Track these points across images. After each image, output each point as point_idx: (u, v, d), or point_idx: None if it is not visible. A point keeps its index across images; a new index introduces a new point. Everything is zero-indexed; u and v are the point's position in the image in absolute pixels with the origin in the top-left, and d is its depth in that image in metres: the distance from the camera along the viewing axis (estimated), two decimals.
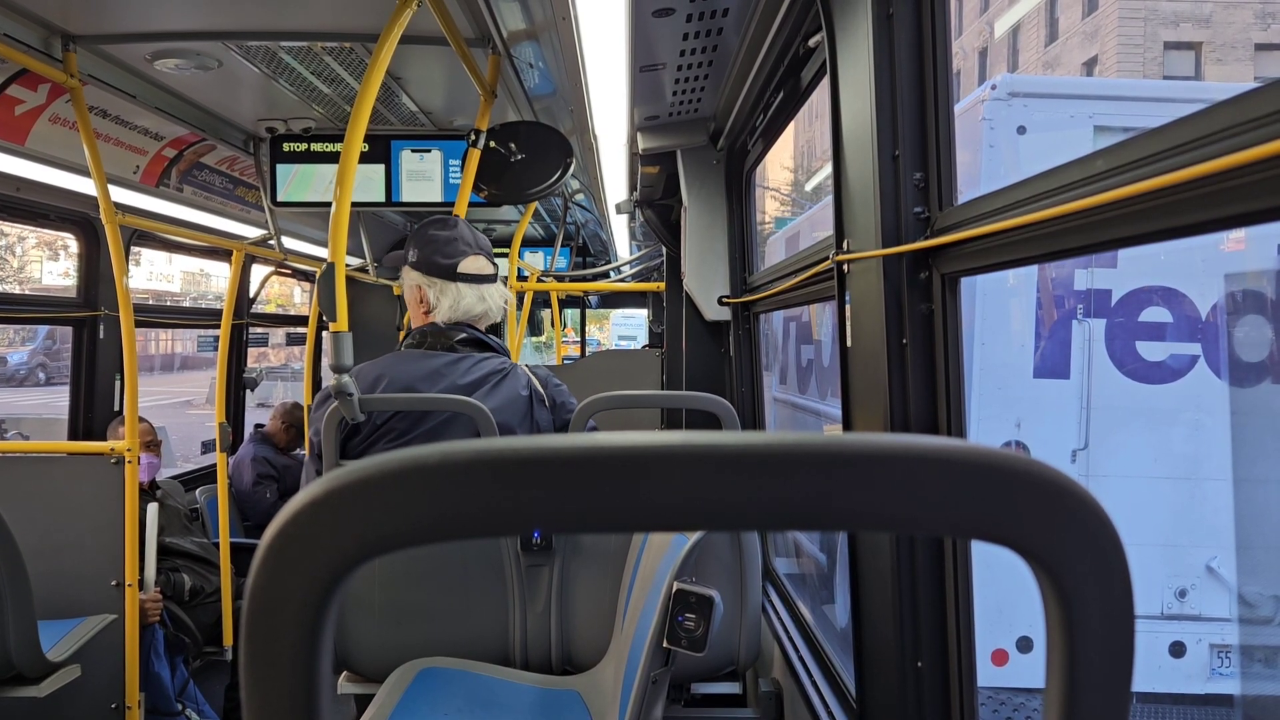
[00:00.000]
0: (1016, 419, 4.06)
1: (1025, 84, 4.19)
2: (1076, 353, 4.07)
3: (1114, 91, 4.73)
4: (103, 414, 3.88)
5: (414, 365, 2.12)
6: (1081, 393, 4.06)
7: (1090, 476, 3.90)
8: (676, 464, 0.34)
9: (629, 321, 25.06)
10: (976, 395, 3.97)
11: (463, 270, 2.20)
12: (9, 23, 2.32)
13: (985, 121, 4.02)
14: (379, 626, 2.07)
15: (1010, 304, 4.20)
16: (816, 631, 2.40)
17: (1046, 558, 0.36)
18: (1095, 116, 4.03)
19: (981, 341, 4.02)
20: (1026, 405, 4.07)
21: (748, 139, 3.08)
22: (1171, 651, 3.96)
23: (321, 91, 3.10)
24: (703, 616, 1.41)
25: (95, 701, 2.64)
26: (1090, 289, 4.08)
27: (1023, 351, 4.11)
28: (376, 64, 1.90)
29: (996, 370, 4.04)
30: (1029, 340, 4.13)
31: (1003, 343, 4.10)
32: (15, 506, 2.25)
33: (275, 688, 0.36)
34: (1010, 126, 4.00)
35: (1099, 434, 4.05)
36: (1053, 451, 3.95)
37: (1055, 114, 4.10)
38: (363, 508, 0.34)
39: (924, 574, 1.45)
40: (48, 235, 12.47)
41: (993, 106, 4.03)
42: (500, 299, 2.27)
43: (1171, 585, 3.96)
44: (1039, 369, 4.09)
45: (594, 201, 5.40)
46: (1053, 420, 4.06)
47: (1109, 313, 4.07)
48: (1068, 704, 0.37)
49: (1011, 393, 4.06)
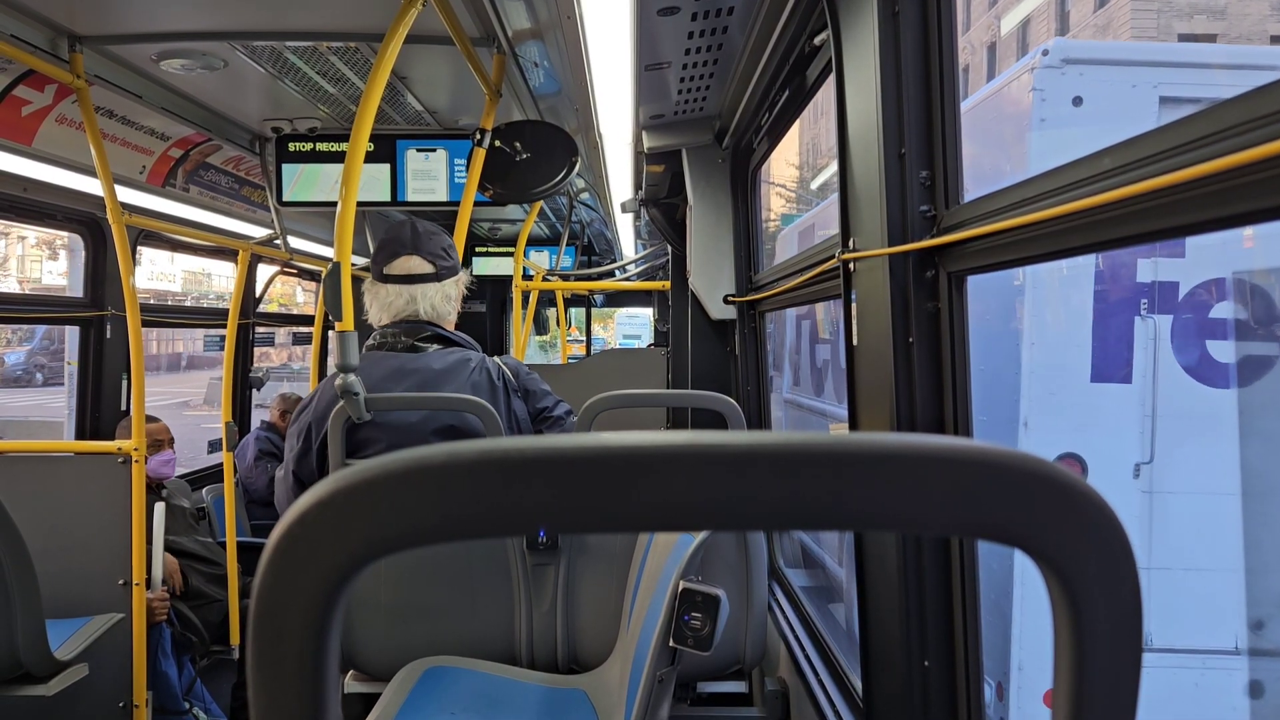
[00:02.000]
0: (1071, 428, 3.63)
1: (1081, 49, 3.58)
2: (1139, 353, 3.60)
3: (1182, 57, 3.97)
4: (109, 413, 3.89)
5: (375, 366, 2.12)
6: (1145, 399, 3.60)
7: (1154, 493, 3.55)
8: (682, 464, 0.34)
9: (633, 321, 25.04)
10: (1025, 402, 3.58)
11: (388, 271, 2.19)
12: (16, 24, 2.32)
13: (1035, 93, 3.54)
14: (385, 626, 2.07)
15: (1064, 299, 3.74)
16: (822, 630, 2.40)
17: (1055, 558, 0.36)
18: (1161, 86, 3.53)
19: (1031, 341, 3.61)
20: (1082, 413, 3.64)
21: (753, 137, 3.08)
22: (1250, 692, 3.52)
23: (327, 91, 3.10)
24: (709, 615, 1.41)
25: (103, 700, 2.64)
26: (1155, 281, 3.61)
27: (1078, 352, 3.64)
28: (382, 64, 1.91)
29: (1048, 374, 3.61)
30: (1085, 340, 3.64)
31: (1055, 342, 3.66)
32: (23, 506, 2.26)
33: (282, 687, 0.36)
34: (1064, 98, 3.51)
35: (1165, 445, 3.60)
36: (1113, 466, 3.57)
37: (1115, 83, 3.58)
38: (369, 508, 0.34)
39: (931, 573, 1.44)
40: (46, 235, 12.47)
41: (1044, 75, 3.53)
42: (440, 298, 2.21)
43: (1247, 615, 3.53)
44: (1097, 372, 3.63)
45: (599, 200, 5.40)
46: (1112, 430, 3.62)
47: (1176, 308, 3.61)
48: (1076, 705, 0.37)
49: (1065, 399, 3.64)
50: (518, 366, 2.25)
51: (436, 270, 2.20)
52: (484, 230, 6.75)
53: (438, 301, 2.20)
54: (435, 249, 2.22)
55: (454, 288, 2.25)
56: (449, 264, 2.24)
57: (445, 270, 2.22)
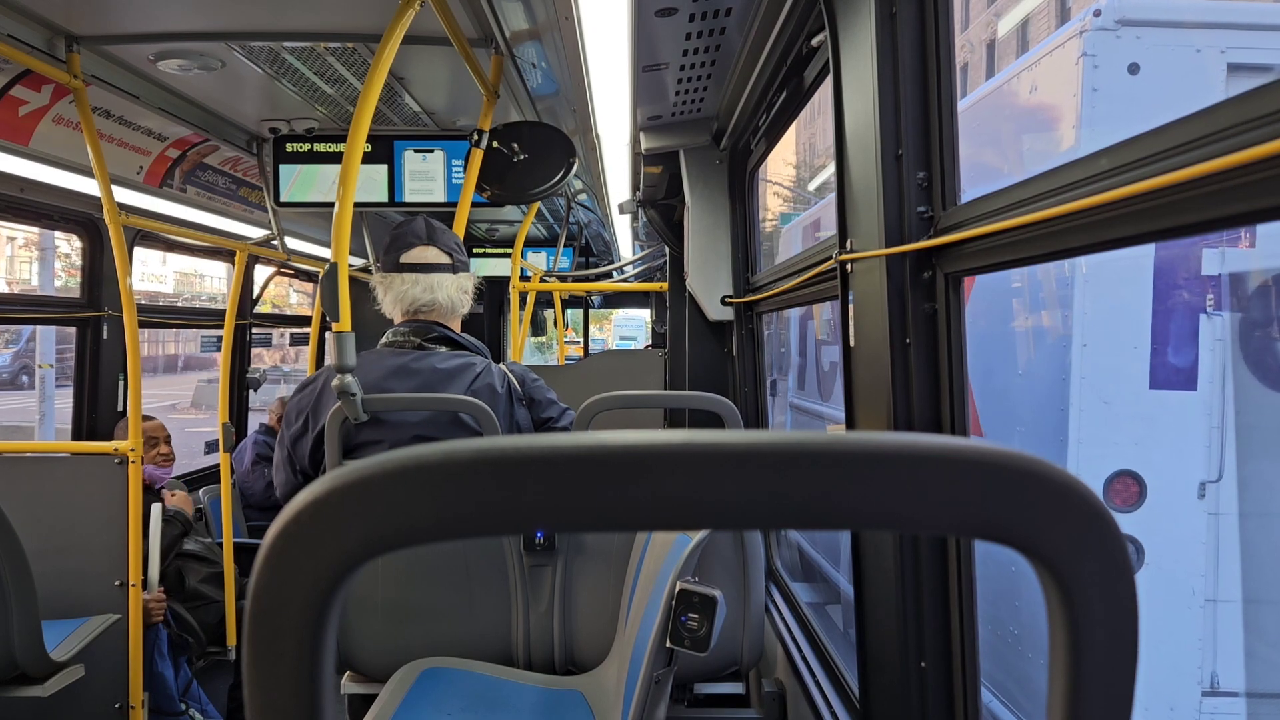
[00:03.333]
0: (1128, 442, 3.21)
1: (1138, 8, 3.17)
2: (1205, 356, 3.19)
3: (1257, 18, 3.44)
4: (106, 414, 3.88)
5: (378, 363, 2.12)
6: (1213, 408, 3.18)
7: (1222, 514, 3.15)
8: (680, 463, 0.34)
9: (629, 323, 25.06)
10: (1076, 412, 3.19)
11: (405, 260, 2.19)
12: (12, 24, 2.32)
13: (1086, 59, 3.14)
14: (382, 626, 2.07)
15: (1119, 294, 3.29)
16: (819, 632, 2.40)
17: (1050, 557, 0.36)
18: (1230, 51, 3.13)
19: (1083, 343, 3.21)
20: (1141, 425, 3.21)
21: (750, 139, 3.08)
22: None
23: (324, 92, 3.10)
24: (706, 616, 1.41)
25: (99, 701, 2.64)
26: (1221, 274, 3.19)
27: (1135, 355, 3.21)
28: (379, 64, 1.91)
29: (1102, 379, 3.20)
30: (1143, 341, 3.22)
31: (1110, 344, 3.23)
32: (19, 506, 2.26)
33: (278, 688, 0.36)
34: (1120, 64, 3.12)
35: (1236, 461, 3.18)
36: (1175, 484, 3.18)
37: (1177, 48, 3.17)
38: (365, 507, 0.34)
39: (927, 574, 1.44)
40: (34, 236, 12.39)
41: (1097, 39, 3.13)
42: (456, 290, 2.22)
43: None
44: (1156, 377, 3.20)
45: (597, 201, 5.40)
46: (1175, 444, 3.20)
47: (1246, 304, 3.22)
48: (1071, 705, 0.37)
49: (1121, 408, 3.22)
50: (524, 374, 2.25)
51: (453, 262, 2.23)
52: (482, 231, 6.75)
53: (454, 292, 2.21)
54: (450, 242, 2.25)
55: (468, 281, 2.28)
56: (463, 258, 2.27)
57: (460, 264, 2.25)
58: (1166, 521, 3.15)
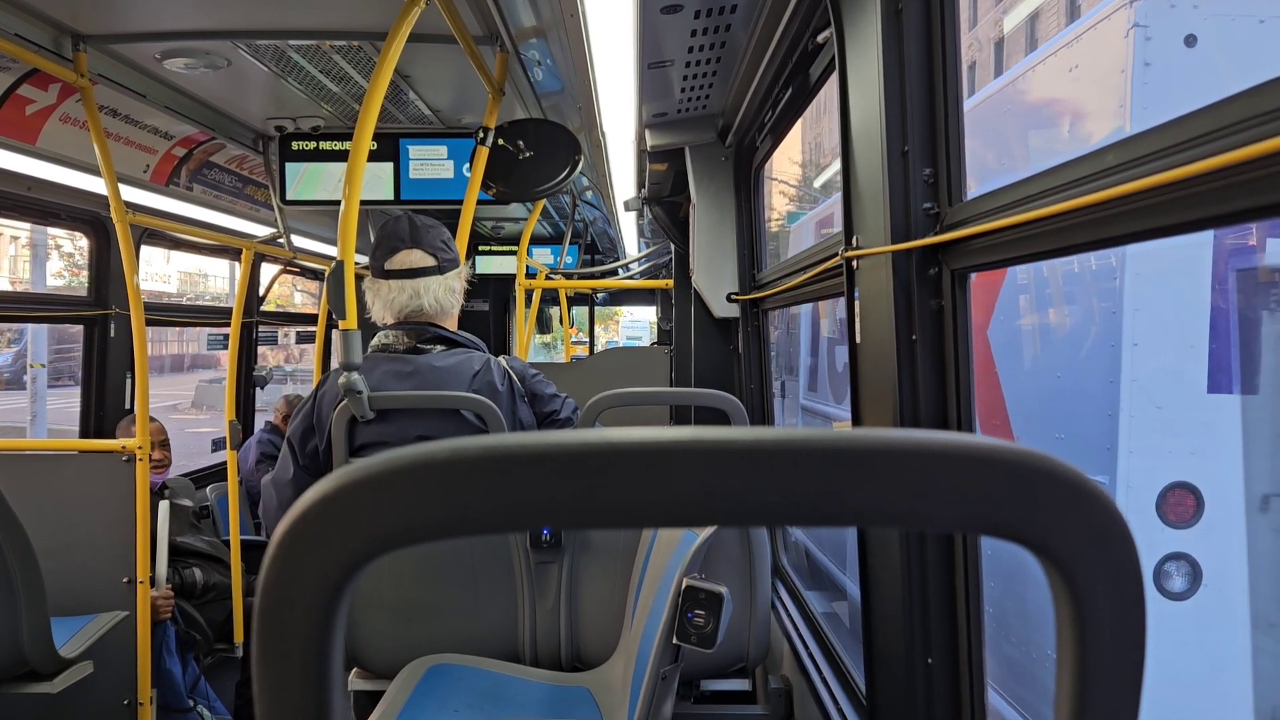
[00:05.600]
0: (1183, 451, 2.92)
1: None
2: (1269, 357, 2.93)
3: None
4: (114, 412, 3.90)
5: (375, 367, 2.10)
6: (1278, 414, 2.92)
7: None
8: (687, 459, 0.34)
9: (635, 325, 25.07)
10: (1127, 418, 2.91)
11: (390, 267, 2.15)
12: (19, 23, 2.33)
13: (1138, 30, 2.83)
14: (389, 623, 2.07)
15: (1174, 288, 2.98)
16: (826, 628, 2.40)
17: (1057, 553, 0.36)
18: None
19: (1134, 342, 2.92)
20: (1198, 432, 2.92)
21: (756, 135, 3.08)
22: None
23: (330, 90, 3.10)
24: (712, 613, 1.41)
25: (107, 697, 2.65)
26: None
27: (1192, 356, 2.92)
28: (385, 62, 1.91)
29: (1155, 382, 2.91)
30: (1201, 340, 2.92)
31: (1165, 343, 2.93)
32: (28, 504, 2.27)
33: (286, 684, 0.36)
34: (1175, 36, 2.81)
35: None
36: (1236, 497, 2.90)
37: (1238, 18, 2.85)
38: (373, 504, 0.34)
39: (934, 570, 1.44)
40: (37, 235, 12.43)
41: (1150, 8, 2.83)
42: (443, 291, 2.17)
43: None
44: (1215, 380, 2.91)
45: (602, 199, 5.40)
46: (1235, 453, 2.91)
47: None
48: (1079, 701, 0.37)
49: (1176, 414, 2.93)
50: (524, 369, 2.22)
51: (438, 263, 2.17)
52: (487, 229, 6.76)
53: (441, 295, 2.16)
54: (435, 242, 2.18)
55: (456, 280, 2.22)
56: (450, 256, 2.20)
57: (447, 263, 2.18)
58: (1225, 538, 2.87)
